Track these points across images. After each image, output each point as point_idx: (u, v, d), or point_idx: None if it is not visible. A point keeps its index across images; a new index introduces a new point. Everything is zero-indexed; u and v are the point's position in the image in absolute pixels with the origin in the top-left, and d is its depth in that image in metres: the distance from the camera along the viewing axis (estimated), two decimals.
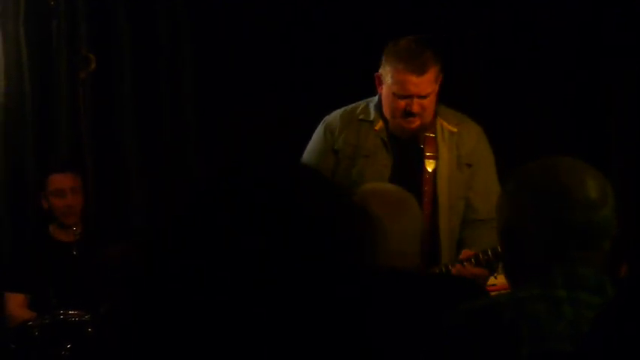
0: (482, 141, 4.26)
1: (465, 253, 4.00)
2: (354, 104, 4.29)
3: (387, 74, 4.06)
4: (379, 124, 4.16)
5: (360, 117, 4.21)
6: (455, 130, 4.20)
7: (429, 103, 4.07)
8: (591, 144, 5.21)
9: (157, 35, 5.60)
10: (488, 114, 4.67)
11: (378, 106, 4.18)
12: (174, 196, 1.33)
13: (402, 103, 4.03)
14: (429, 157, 4.15)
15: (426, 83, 4.02)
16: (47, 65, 5.52)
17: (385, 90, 4.09)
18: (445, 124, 4.19)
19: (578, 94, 5.38)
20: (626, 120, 5.29)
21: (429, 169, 4.15)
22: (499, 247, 2.73)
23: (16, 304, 4.95)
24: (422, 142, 4.17)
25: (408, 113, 4.04)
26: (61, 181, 5.05)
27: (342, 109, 4.29)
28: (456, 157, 4.19)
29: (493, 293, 3.49)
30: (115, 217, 5.41)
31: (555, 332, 2.07)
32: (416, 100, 4.02)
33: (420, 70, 3.99)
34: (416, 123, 4.08)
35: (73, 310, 4.42)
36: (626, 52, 5.24)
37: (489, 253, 3.86)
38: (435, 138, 4.17)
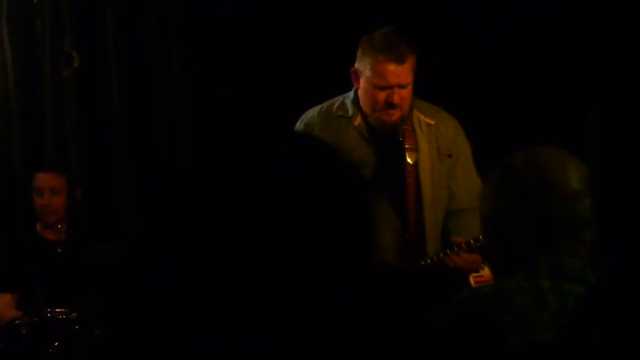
0: (458, 132, 4.30)
1: (456, 239, 4.03)
2: (329, 101, 4.30)
3: (365, 67, 4.08)
4: (358, 120, 4.18)
5: (339, 114, 4.22)
6: (432, 122, 4.24)
7: (407, 93, 4.11)
8: (579, 139, 5.21)
9: (143, 32, 5.58)
10: (466, 108, 4.68)
11: (355, 101, 4.20)
12: (166, 188, 1.33)
13: (383, 94, 4.06)
14: (410, 150, 4.17)
15: (405, 73, 4.05)
16: (31, 64, 5.50)
17: (364, 83, 4.11)
18: (422, 116, 4.23)
19: (568, 90, 5.39)
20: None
21: (410, 162, 4.17)
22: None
23: (4, 304, 4.94)
24: (401, 135, 4.19)
25: (389, 105, 4.07)
26: (42, 179, 5.05)
27: (318, 106, 4.30)
28: (436, 148, 4.22)
29: (479, 284, 3.50)
30: (101, 215, 5.40)
31: (540, 323, 2.08)
32: (396, 91, 4.05)
33: (400, 60, 4.03)
34: (396, 115, 4.11)
35: (60, 309, 4.42)
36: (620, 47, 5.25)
37: (481, 238, 3.88)
38: (414, 130, 4.20)
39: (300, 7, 5.58)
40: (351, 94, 4.24)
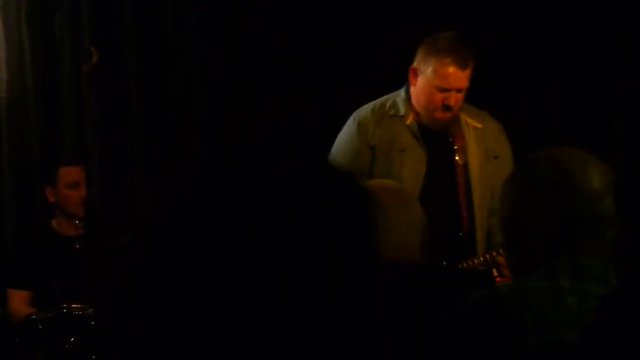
0: (503, 136, 4.42)
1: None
2: (380, 100, 4.38)
3: (427, 67, 4.18)
4: (410, 119, 4.28)
5: (391, 113, 4.30)
6: (479, 125, 4.37)
7: (462, 97, 4.22)
8: (593, 141, 5.20)
9: (162, 27, 5.58)
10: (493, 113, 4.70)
11: (407, 100, 4.30)
12: (174, 186, 1.32)
13: (441, 96, 4.17)
14: (459, 150, 4.30)
15: (465, 78, 4.18)
16: (50, 59, 5.51)
17: (423, 83, 4.21)
18: (469, 119, 4.35)
19: (579, 92, 5.38)
20: (628, 118, 5.29)
21: (460, 162, 4.30)
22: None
23: (19, 301, 4.95)
24: (450, 136, 4.31)
25: (445, 107, 4.18)
26: (74, 173, 5.05)
27: (371, 104, 4.37)
28: (484, 150, 4.34)
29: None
30: (119, 210, 5.40)
31: (559, 322, 2.07)
32: (454, 94, 4.17)
33: (464, 65, 4.15)
34: (449, 115, 4.22)
35: (77, 304, 4.42)
36: (628, 48, 5.24)
37: None
38: (462, 132, 4.32)
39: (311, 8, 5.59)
40: (402, 92, 4.32)
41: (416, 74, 4.23)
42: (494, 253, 4.11)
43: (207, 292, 1.17)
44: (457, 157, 4.30)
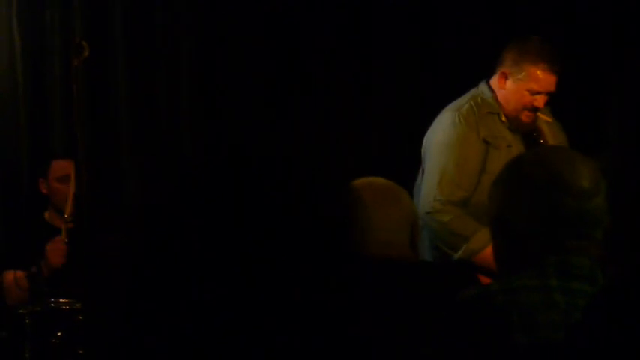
0: (563, 129, 4.63)
1: None
2: (466, 99, 4.50)
3: (520, 71, 4.37)
4: (503, 117, 4.45)
5: (487, 110, 4.45)
6: (550, 120, 4.58)
7: (547, 98, 4.43)
8: (588, 140, 5.22)
9: (153, 23, 5.58)
10: None
11: (495, 100, 4.45)
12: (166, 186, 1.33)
13: (531, 98, 4.38)
14: (544, 144, 4.45)
15: (555, 81, 4.39)
16: (40, 54, 5.50)
17: (515, 86, 4.39)
18: (541, 115, 4.53)
19: (575, 91, 5.39)
20: (625, 116, 5.30)
21: None
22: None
23: (13, 282, 4.92)
24: (535, 132, 4.50)
25: (533, 108, 4.40)
26: (65, 167, 5.05)
27: (464, 102, 4.47)
28: (558, 143, 4.50)
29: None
30: (107, 205, 5.39)
31: (547, 321, 2.08)
32: (543, 96, 4.38)
33: (557, 71, 4.38)
34: (533, 117, 4.45)
35: (65, 299, 4.41)
36: (625, 46, 5.25)
37: None
38: (540, 127, 4.52)
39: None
40: (486, 91, 4.46)
41: (506, 77, 4.41)
42: None
43: (192, 288, 1.18)
44: None
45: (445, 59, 5.51)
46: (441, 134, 4.42)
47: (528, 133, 4.48)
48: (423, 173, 4.48)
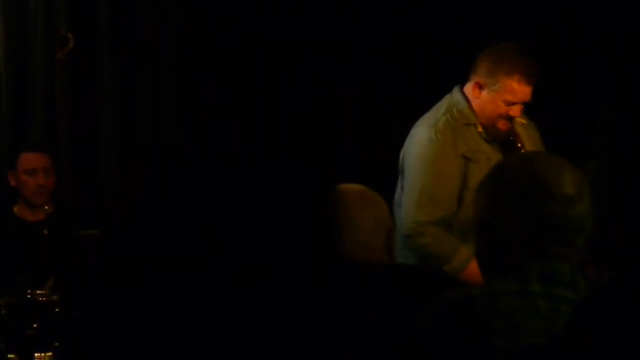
0: (537, 128, 4.57)
1: None
2: (438, 110, 4.39)
3: (495, 83, 4.27)
4: (479, 127, 4.36)
5: (463, 122, 4.34)
6: (524, 121, 4.48)
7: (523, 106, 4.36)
8: (575, 143, 5.22)
9: (136, 15, 5.56)
10: None
11: (470, 109, 4.35)
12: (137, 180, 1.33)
13: (507, 108, 4.29)
14: (521, 148, 4.38)
15: (531, 91, 4.30)
16: (24, 45, 5.48)
17: (490, 96, 4.29)
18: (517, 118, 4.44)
19: (562, 97, 5.40)
20: (612, 123, 5.31)
21: None
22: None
23: None
24: (512, 136, 4.40)
25: (509, 117, 4.31)
26: (33, 160, 5.02)
27: (440, 116, 4.37)
28: (533, 145, 4.45)
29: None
30: (88, 198, 5.37)
31: (529, 326, 2.08)
32: (519, 105, 4.30)
33: (534, 81, 4.28)
34: (509, 124, 4.35)
35: (41, 290, 4.39)
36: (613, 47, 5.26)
37: None
38: (516, 130, 4.41)
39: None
40: (461, 101, 4.35)
41: (481, 88, 4.30)
42: None
43: (168, 283, 1.18)
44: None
45: (435, 61, 5.48)
46: (418, 151, 4.33)
47: (505, 139, 4.40)
48: (402, 189, 4.41)
